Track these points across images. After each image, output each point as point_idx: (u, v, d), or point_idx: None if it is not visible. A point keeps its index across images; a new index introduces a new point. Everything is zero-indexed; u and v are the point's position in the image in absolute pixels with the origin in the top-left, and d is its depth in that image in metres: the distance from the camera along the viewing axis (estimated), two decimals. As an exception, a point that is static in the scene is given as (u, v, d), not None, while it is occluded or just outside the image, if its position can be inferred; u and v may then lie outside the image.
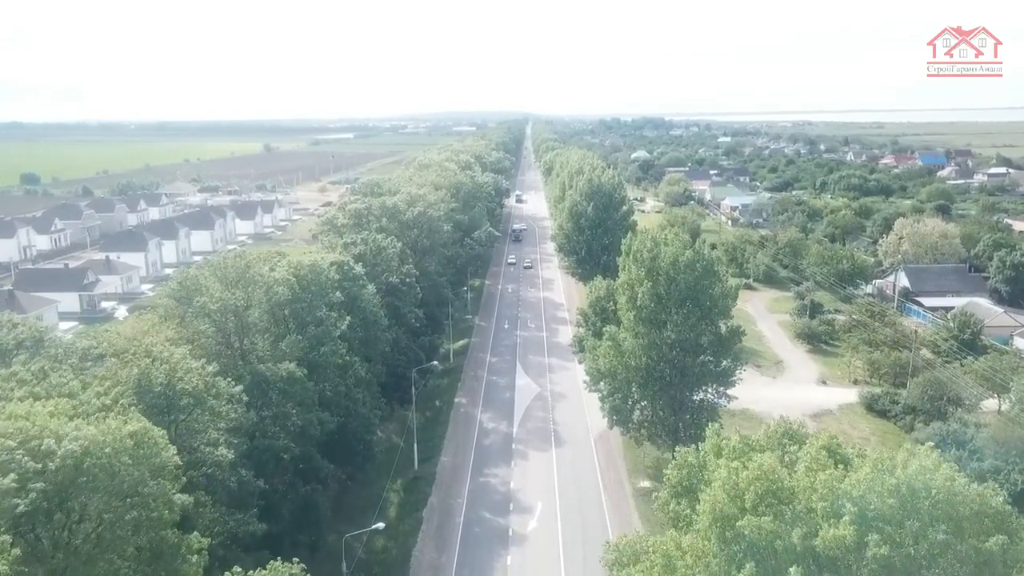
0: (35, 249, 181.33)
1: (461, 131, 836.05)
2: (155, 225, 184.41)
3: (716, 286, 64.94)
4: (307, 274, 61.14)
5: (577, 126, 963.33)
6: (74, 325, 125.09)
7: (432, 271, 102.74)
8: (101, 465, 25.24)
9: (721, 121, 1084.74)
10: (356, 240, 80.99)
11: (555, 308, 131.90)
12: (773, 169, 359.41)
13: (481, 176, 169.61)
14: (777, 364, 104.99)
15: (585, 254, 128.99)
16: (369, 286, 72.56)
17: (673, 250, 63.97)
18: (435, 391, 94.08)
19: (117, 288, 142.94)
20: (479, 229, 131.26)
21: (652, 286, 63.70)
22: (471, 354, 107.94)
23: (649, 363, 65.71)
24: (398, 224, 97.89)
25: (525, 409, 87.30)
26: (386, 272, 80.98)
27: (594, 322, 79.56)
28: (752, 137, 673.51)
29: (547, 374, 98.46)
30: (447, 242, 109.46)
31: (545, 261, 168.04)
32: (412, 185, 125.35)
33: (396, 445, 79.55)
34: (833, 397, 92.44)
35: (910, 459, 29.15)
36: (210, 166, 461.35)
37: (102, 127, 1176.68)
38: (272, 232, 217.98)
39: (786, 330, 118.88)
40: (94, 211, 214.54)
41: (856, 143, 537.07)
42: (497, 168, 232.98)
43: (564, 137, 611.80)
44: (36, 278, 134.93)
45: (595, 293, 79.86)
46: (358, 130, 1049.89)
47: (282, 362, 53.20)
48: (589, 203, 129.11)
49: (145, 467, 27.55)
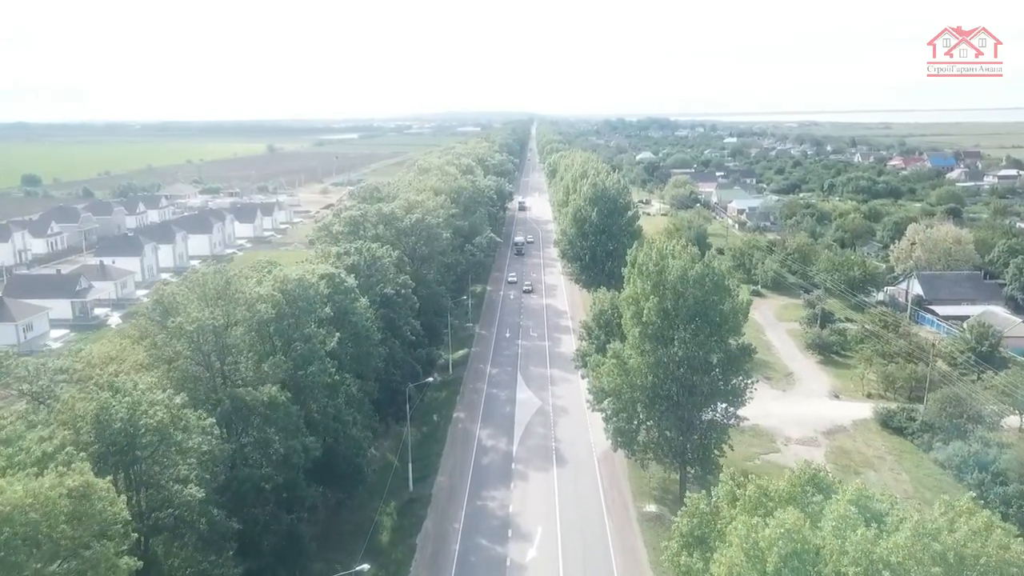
0: (30, 253, 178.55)
1: (466, 131, 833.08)
2: (151, 229, 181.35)
3: (727, 301, 61.46)
4: (294, 289, 57.89)
5: (582, 127, 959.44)
6: (65, 333, 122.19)
7: (431, 279, 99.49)
8: (24, 534, 21.97)
9: (726, 121, 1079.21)
10: (350, 250, 77.67)
11: (558, 316, 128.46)
12: (780, 171, 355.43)
13: (483, 180, 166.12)
14: (787, 376, 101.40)
15: (589, 260, 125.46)
16: (362, 299, 69.31)
17: (681, 263, 60.49)
18: (433, 404, 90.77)
19: (112, 294, 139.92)
20: (480, 235, 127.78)
21: (659, 301, 60.28)
22: (471, 365, 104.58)
23: (655, 381, 62.31)
24: (395, 231, 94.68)
25: (526, 425, 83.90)
26: (381, 283, 77.66)
27: (597, 335, 76.17)
28: (758, 138, 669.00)
29: (549, 387, 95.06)
30: (446, 249, 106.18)
31: (548, 267, 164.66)
32: (412, 190, 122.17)
33: (390, 464, 76.33)
34: (846, 412, 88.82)
35: (955, 518, 25.62)
36: (213, 167, 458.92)
37: (107, 127, 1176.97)
38: (272, 235, 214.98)
39: (796, 339, 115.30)
40: (92, 214, 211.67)
41: (863, 144, 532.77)
42: (500, 171, 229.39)
43: (569, 138, 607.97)
44: (28, 284, 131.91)
45: (599, 305, 76.44)
46: (363, 130, 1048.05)
47: (265, 384, 49.96)
48: (593, 208, 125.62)
49: (88, 527, 24.31)
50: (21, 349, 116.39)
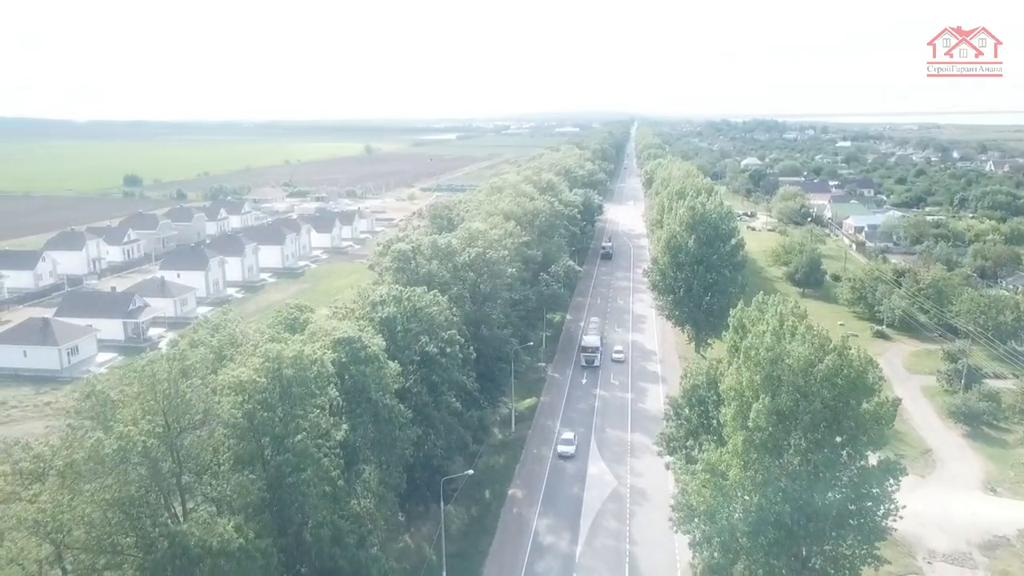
0: (105, 262, 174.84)
1: (564, 132, 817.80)
2: (220, 240, 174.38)
3: (868, 402, 44.70)
4: (288, 368, 44.76)
5: (684, 128, 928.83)
6: (113, 357, 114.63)
7: (494, 319, 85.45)
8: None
9: (838, 123, 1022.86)
10: (387, 297, 64.31)
11: (645, 357, 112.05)
12: (901, 180, 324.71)
13: (567, 195, 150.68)
14: (925, 454, 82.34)
15: (683, 294, 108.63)
16: (390, 365, 55.71)
17: (805, 352, 44.12)
18: (488, 474, 76.70)
19: (171, 311, 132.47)
20: (557, 263, 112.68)
21: (772, 401, 44.13)
22: (537, 420, 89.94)
23: (762, 503, 46.14)
24: (452, 267, 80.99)
25: (595, 515, 68.59)
26: (423, 337, 64.02)
27: (688, 417, 60.21)
28: (874, 142, 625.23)
29: (628, 459, 79.33)
30: (514, 284, 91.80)
31: (637, 291, 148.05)
32: (481, 212, 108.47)
33: (425, 558, 62.65)
34: (1010, 515, 69.56)
35: None
36: (308, 168, 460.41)
37: (221, 126, 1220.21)
38: (350, 245, 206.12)
39: (933, 401, 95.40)
40: (171, 220, 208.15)
41: (995, 150, 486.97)
42: (590, 182, 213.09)
43: (669, 140, 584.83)
44: (82, 303, 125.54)
45: (691, 379, 60.51)
46: (461, 131, 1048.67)
47: (224, 515, 36.93)
48: (690, 235, 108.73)
49: None
50: (63, 375, 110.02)
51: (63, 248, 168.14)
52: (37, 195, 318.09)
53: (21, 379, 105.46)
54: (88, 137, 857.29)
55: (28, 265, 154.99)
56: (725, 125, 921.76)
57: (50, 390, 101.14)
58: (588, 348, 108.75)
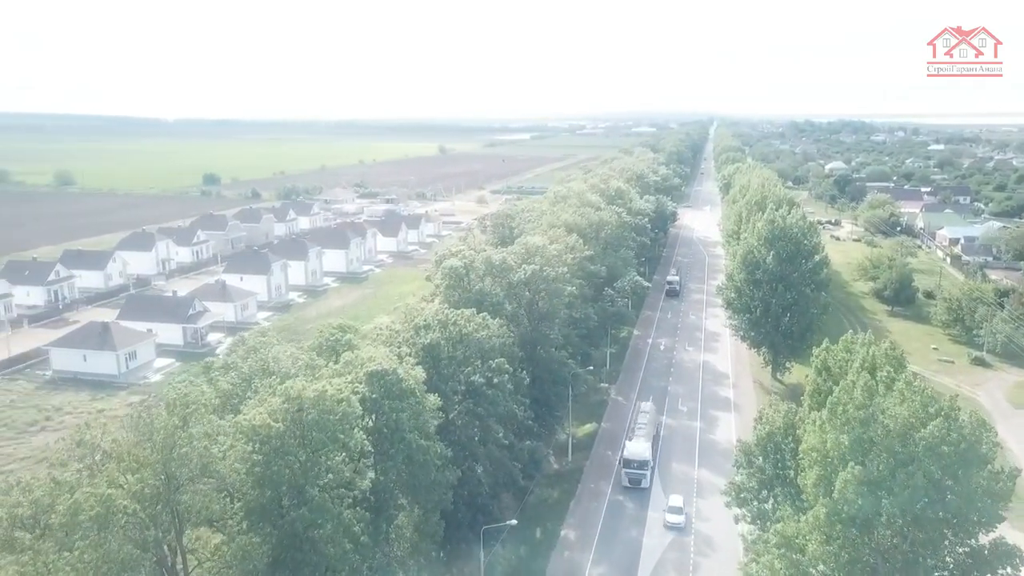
0: (174, 262, 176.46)
1: (640, 132, 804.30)
2: (284, 244, 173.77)
3: (979, 474, 37.50)
4: (310, 410, 40.38)
5: (765, 128, 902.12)
6: (171, 363, 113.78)
7: (551, 339, 79.89)
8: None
9: (930, 124, 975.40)
10: (432, 322, 59.54)
11: (716, 381, 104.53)
12: (1000, 187, 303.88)
13: (638, 202, 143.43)
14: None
15: (760, 314, 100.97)
16: (430, 399, 50.86)
17: (904, 413, 37.17)
18: (540, 509, 71.26)
19: (232, 316, 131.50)
20: (622, 278, 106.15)
21: (864, 471, 37.35)
22: (596, 450, 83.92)
23: (847, 585, 39.44)
24: (507, 284, 75.85)
25: (655, 565, 62.28)
26: (468, 368, 59.06)
27: (761, 467, 53.42)
28: (970, 145, 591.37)
29: (694, 499, 72.63)
30: (574, 302, 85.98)
31: (711, 306, 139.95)
32: (543, 224, 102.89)
33: (468, 606, 57.72)
34: None
35: None
36: (382, 168, 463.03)
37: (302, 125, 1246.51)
38: (416, 250, 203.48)
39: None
40: (240, 222, 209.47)
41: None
42: (663, 187, 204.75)
43: (749, 141, 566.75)
44: (143, 306, 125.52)
45: (767, 425, 53.45)
46: (535, 130, 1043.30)
47: None
48: (769, 250, 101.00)
49: None
50: (120, 380, 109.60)
51: (134, 248, 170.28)
52: (120, 193, 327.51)
53: (80, 383, 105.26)
54: (178, 136, 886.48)
55: (99, 265, 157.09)
56: (808, 126, 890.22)
57: (105, 396, 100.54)
58: (633, 462, 75.02)
